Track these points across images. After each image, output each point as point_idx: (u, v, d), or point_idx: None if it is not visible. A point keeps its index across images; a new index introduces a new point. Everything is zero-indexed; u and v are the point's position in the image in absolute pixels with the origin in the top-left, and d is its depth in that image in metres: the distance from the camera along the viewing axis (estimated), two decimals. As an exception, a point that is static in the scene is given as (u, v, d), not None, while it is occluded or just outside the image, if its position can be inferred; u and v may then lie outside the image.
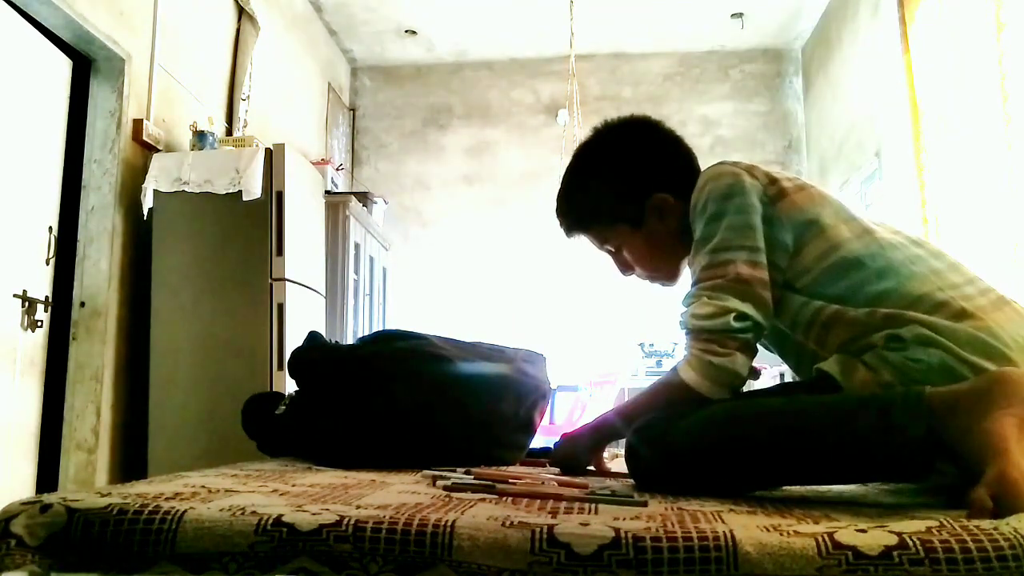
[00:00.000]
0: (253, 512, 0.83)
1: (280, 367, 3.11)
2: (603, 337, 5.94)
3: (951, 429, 0.97)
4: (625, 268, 1.56)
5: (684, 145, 1.50)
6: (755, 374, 1.32)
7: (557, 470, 1.48)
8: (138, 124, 3.28)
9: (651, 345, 5.65)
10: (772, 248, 1.25)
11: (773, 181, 1.30)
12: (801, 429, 1.09)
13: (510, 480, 1.17)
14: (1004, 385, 0.97)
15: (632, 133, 1.50)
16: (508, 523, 0.80)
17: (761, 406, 1.17)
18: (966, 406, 0.97)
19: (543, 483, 1.19)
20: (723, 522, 0.86)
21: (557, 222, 1.56)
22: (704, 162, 1.46)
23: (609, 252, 1.55)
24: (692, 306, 1.27)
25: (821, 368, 1.21)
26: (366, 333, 4.27)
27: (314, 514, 0.82)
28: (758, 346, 1.30)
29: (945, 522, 0.80)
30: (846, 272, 1.22)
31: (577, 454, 1.47)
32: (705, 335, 1.24)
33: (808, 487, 1.25)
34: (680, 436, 1.19)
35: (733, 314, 1.22)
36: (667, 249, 1.47)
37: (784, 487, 1.22)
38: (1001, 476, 0.87)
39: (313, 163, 4.21)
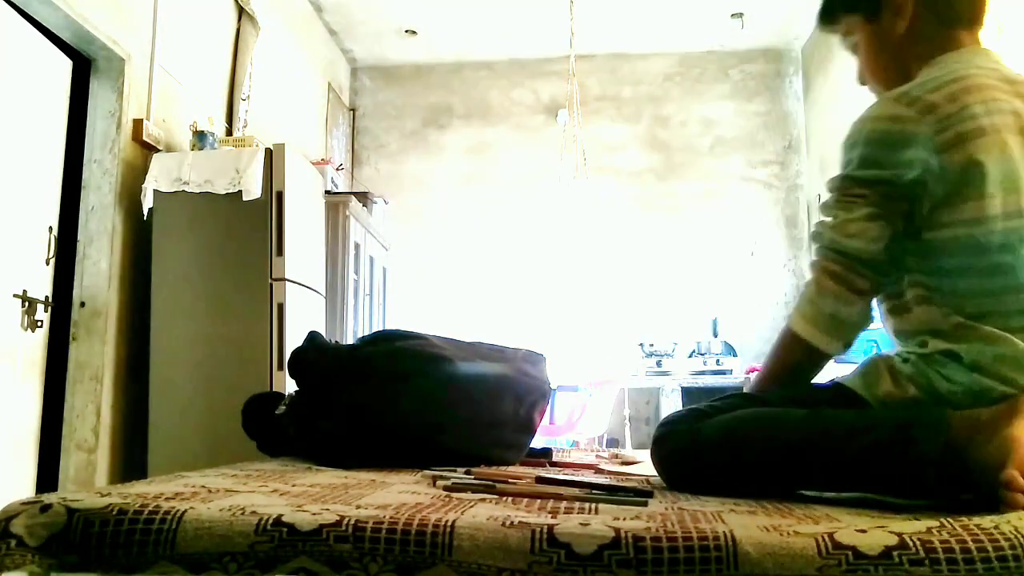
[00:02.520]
0: (253, 512, 0.83)
1: (280, 367, 3.11)
2: (603, 337, 5.94)
3: (970, 448, 0.96)
4: (860, 76, 1.49)
5: None
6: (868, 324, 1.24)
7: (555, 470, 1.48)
8: (138, 124, 3.28)
9: (651, 345, 5.65)
10: (916, 187, 1.14)
11: (945, 124, 1.13)
12: (820, 437, 1.10)
13: (511, 480, 1.18)
14: None
15: None
16: (508, 523, 0.80)
17: (785, 415, 1.18)
18: (988, 425, 0.97)
19: (556, 484, 1.19)
20: (723, 522, 0.86)
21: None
22: (704, 162, 1.46)
23: (852, 52, 1.47)
24: (832, 215, 1.21)
25: (843, 384, 1.22)
26: (366, 333, 4.27)
27: (314, 514, 0.82)
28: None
29: (945, 522, 0.80)
30: (970, 250, 1.11)
31: None
32: (838, 258, 1.18)
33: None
34: (705, 435, 1.21)
35: (869, 237, 1.15)
36: (891, 53, 1.36)
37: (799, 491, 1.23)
38: None
39: (313, 163, 4.21)
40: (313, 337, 1.76)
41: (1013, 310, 1.10)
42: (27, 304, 2.82)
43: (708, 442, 1.21)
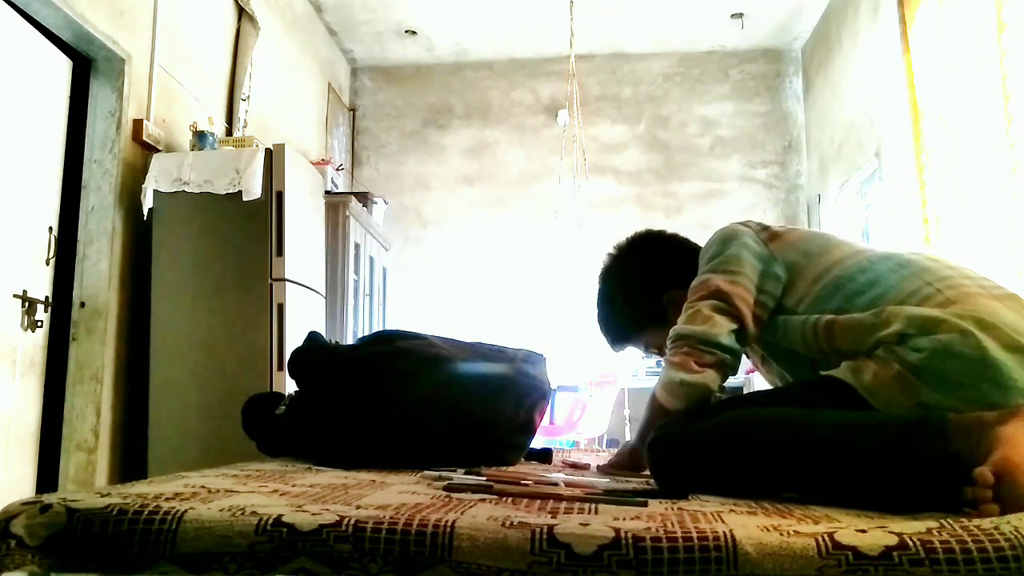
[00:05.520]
0: (253, 512, 0.83)
1: (280, 367, 3.11)
2: (603, 337, 5.93)
3: (969, 449, 0.97)
4: None
5: (686, 243, 1.67)
6: (722, 391, 1.40)
7: (565, 470, 1.49)
8: (138, 124, 3.28)
9: (651, 345, 5.64)
10: (765, 279, 1.38)
11: (765, 228, 1.47)
12: (821, 439, 1.11)
13: (522, 481, 1.17)
14: None
15: (636, 248, 1.69)
16: (508, 523, 0.80)
17: (786, 415, 1.19)
18: (987, 427, 0.98)
19: (556, 484, 1.19)
20: (723, 522, 0.85)
21: (605, 342, 1.76)
22: (704, 162, 1.53)
23: (656, 354, 1.69)
24: (681, 319, 1.40)
25: (831, 375, 1.23)
26: (366, 333, 4.27)
27: (314, 514, 0.82)
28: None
29: (945, 523, 0.80)
30: (840, 288, 1.31)
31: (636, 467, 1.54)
32: (685, 344, 1.35)
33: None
34: (700, 438, 1.22)
35: (716, 327, 1.33)
36: None
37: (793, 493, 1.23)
38: (1005, 458, 0.91)
39: (313, 163, 4.21)
40: (313, 337, 1.76)
41: (908, 294, 1.26)
42: (27, 304, 2.82)
43: (703, 445, 1.22)
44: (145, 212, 3.20)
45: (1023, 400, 1.09)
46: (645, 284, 1.62)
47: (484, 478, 1.21)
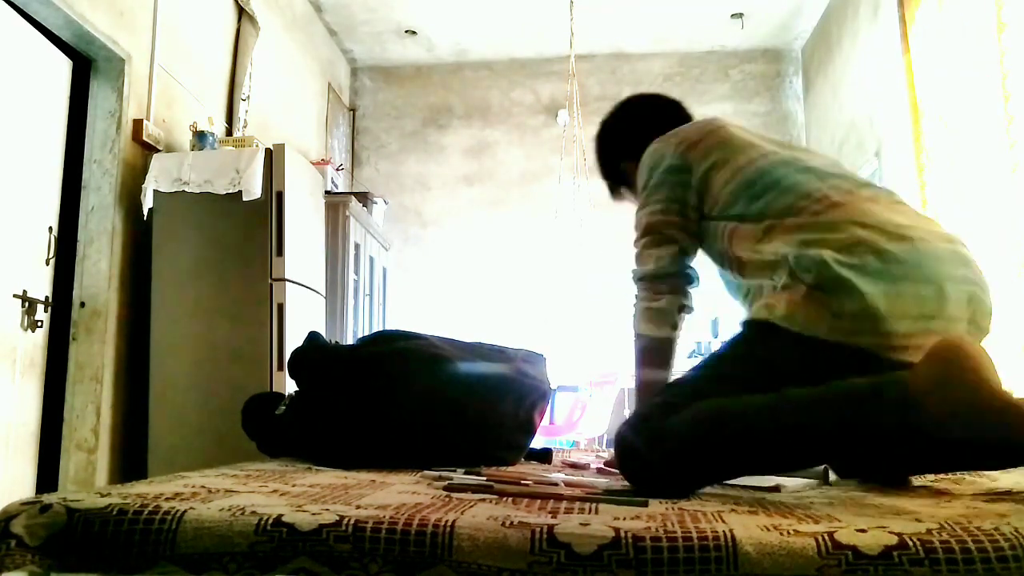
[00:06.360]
0: (253, 512, 0.83)
1: (280, 367, 3.11)
2: (603, 337, 5.94)
3: (925, 397, 1.01)
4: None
5: (659, 114, 1.74)
6: (688, 309, 1.55)
7: (565, 470, 1.49)
8: (138, 124, 3.28)
9: (651, 345, 5.63)
10: (686, 190, 1.50)
11: (683, 139, 1.55)
12: (793, 425, 1.13)
13: (522, 481, 1.17)
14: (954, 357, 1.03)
15: (621, 110, 1.82)
16: (508, 523, 0.80)
17: (749, 406, 1.19)
18: (923, 366, 1.03)
19: (556, 484, 1.19)
20: (723, 522, 0.85)
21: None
22: None
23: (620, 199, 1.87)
24: (634, 262, 1.56)
25: (753, 320, 1.31)
26: (366, 333, 4.27)
27: (314, 514, 0.82)
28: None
29: (945, 523, 0.80)
30: (743, 191, 1.42)
31: None
32: (641, 283, 1.53)
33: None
34: (673, 433, 1.21)
35: (659, 260, 1.50)
36: None
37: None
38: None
39: (313, 163, 4.21)
40: (313, 337, 1.76)
41: (801, 195, 1.38)
42: (27, 304, 2.82)
43: (675, 451, 1.19)
44: (145, 212, 3.20)
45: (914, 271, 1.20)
46: (613, 148, 1.79)
47: (484, 478, 1.21)
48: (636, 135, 1.68)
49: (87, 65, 3.20)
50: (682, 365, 6.12)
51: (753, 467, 1.21)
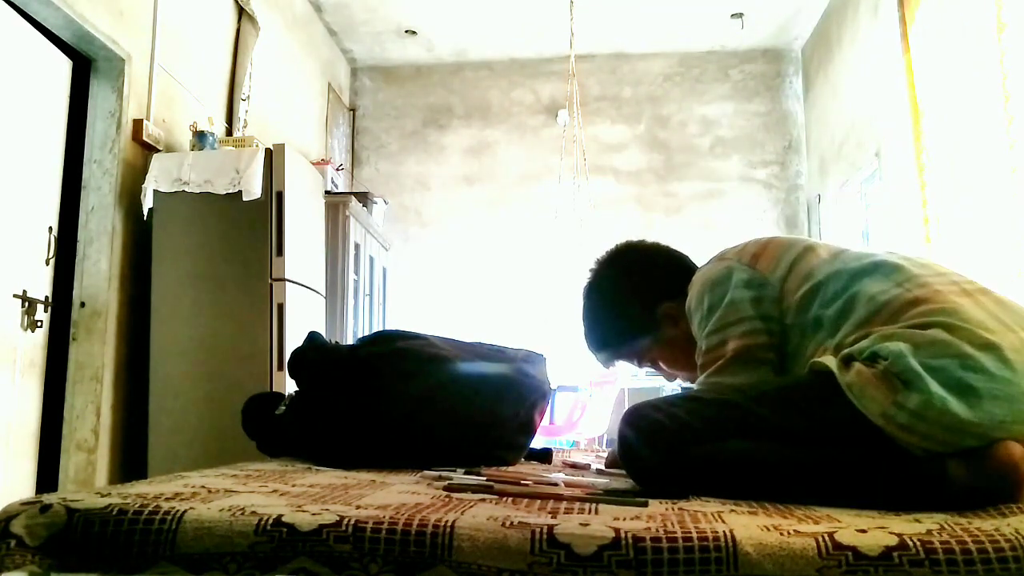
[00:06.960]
0: (253, 512, 0.83)
1: (280, 367, 3.11)
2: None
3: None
4: (669, 376, 1.71)
5: (670, 252, 1.65)
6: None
7: (565, 470, 1.48)
8: (138, 124, 3.28)
9: (651, 345, 5.64)
10: (765, 304, 1.35)
11: (742, 253, 1.43)
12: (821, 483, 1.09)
13: (522, 481, 1.17)
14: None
15: (620, 259, 1.64)
16: (508, 523, 0.80)
17: (789, 461, 1.15)
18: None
19: (556, 484, 1.19)
20: (723, 522, 0.85)
21: (594, 359, 1.70)
22: (704, 162, 1.51)
23: (650, 367, 1.69)
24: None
25: (819, 365, 1.19)
26: (366, 333, 4.27)
27: (314, 514, 0.82)
28: None
29: (946, 524, 0.80)
30: (814, 297, 1.30)
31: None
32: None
33: None
34: (704, 456, 1.18)
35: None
36: (691, 348, 1.52)
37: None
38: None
39: (313, 163, 4.21)
40: (313, 337, 1.76)
41: (871, 296, 1.25)
42: (27, 304, 2.82)
43: (693, 468, 1.17)
44: (145, 212, 3.20)
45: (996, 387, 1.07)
46: (635, 294, 1.59)
47: (484, 478, 1.21)
48: (668, 271, 1.57)
49: (87, 65, 3.20)
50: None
51: (771, 491, 1.14)
